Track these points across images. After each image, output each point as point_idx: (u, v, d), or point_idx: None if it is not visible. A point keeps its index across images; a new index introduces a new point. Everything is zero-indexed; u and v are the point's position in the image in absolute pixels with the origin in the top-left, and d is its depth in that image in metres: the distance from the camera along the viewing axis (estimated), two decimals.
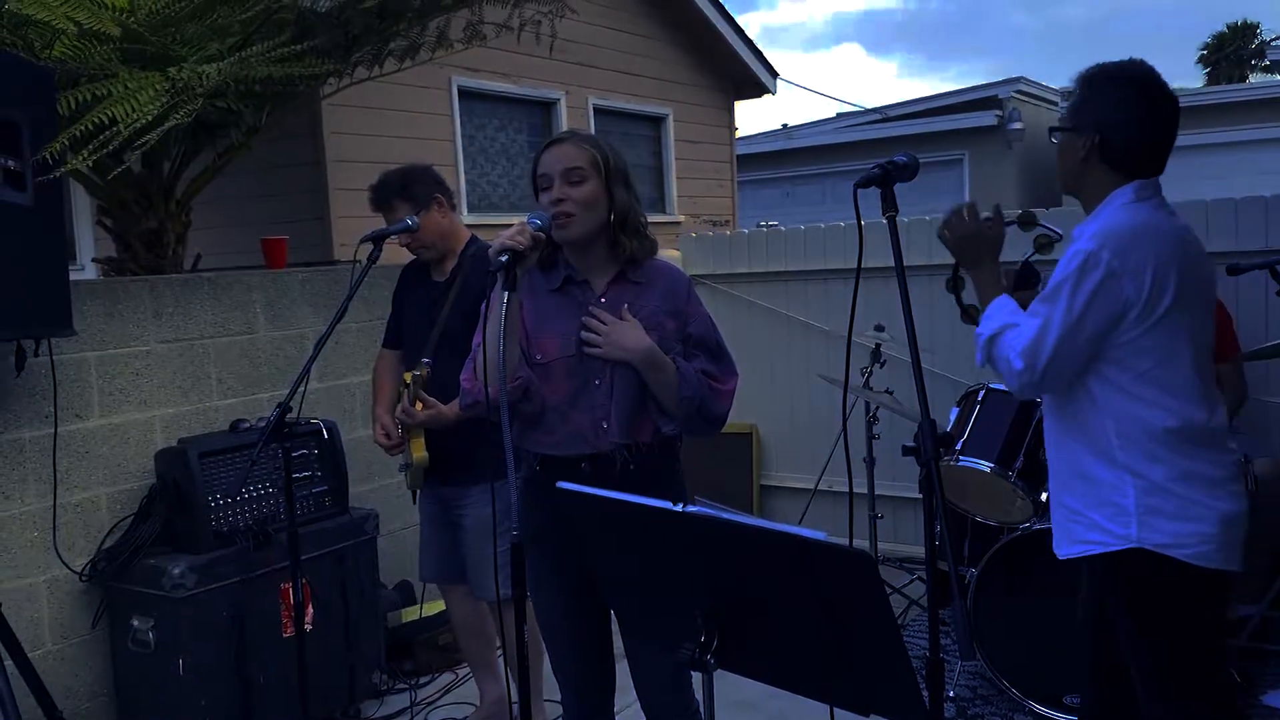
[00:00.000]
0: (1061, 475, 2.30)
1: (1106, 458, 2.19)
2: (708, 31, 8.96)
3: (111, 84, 3.57)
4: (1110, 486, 2.18)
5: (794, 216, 13.52)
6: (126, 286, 3.76)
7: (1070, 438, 2.26)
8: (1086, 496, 2.23)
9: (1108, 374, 2.17)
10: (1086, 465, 2.22)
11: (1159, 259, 2.11)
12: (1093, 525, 2.22)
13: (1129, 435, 2.16)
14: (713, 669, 1.66)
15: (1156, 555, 2.14)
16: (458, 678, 4.06)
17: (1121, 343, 2.13)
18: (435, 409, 3.13)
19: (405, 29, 4.57)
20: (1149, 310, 2.11)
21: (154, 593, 3.35)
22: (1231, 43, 25.90)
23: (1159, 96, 2.20)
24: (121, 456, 3.66)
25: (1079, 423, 2.23)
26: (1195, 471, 2.15)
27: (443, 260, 3.37)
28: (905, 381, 2.38)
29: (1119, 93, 2.20)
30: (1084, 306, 2.10)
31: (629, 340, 2.31)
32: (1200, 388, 2.18)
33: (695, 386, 2.34)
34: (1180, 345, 2.15)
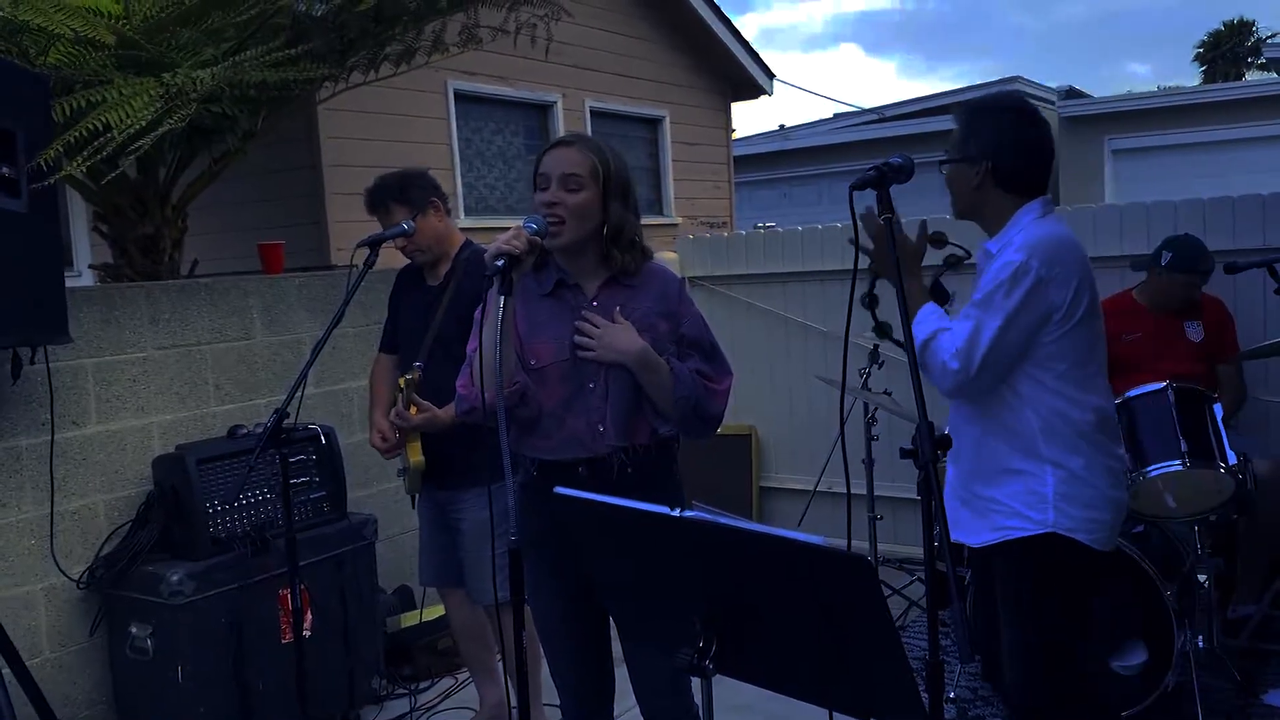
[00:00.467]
0: (981, 472, 2.47)
1: (1030, 452, 2.37)
2: (704, 33, 8.96)
3: (106, 90, 3.56)
4: (1032, 477, 2.37)
5: (791, 218, 13.53)
6: (123, 293, 3.75)
7: (992, 436, 2.43)
8: (1008, 488, 2.41)
9: (1034, 374, 2.35)
10: (1010, 460, 2.40)
11: (1079, 267, 2.34)
12: (1013, 513, 2.40)
13: (1053, 429, 2.36)
14: (711, 674, 1.65)
15: (1066, 539, 2.35)
16: (457, 682, 4.05)
17: (1046, 343, 2.33)
18: (430, 413, 3.13)
19: (401, 33, 4.57)
20: (1070, 314, 2.32)
21: (152, 600, 3.34)
22: (1228, 41, 25.93)
23: (1037, 121, 2.44)
24: (119, 463, 3.65)
25: (1001, 421, 2.41)
26: (1103, 463, 2.39)
27: (437, 264, 3.37)
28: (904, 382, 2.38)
29: (1002, 122, 2.41)
30: (1015, 311, 2.29)
31: (622, 342, 2.31)
32: (1105, 384, 2.46)
33: (690, 386, 2.34)
34: (1094, 344, 2.40)
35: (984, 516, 2.48)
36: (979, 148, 2.41)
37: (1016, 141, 2.41)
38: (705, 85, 9.27)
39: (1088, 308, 2.36)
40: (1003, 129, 2.40)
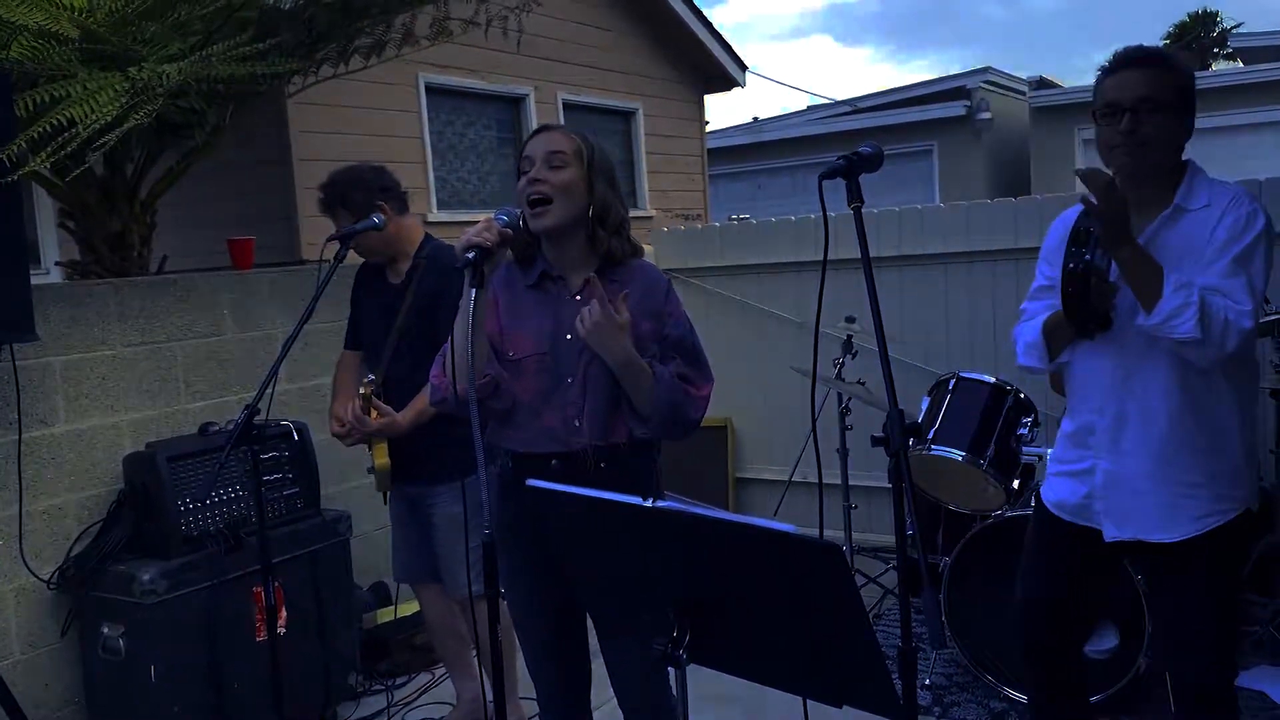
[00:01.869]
0: (1175, 456, 2.25)
1: (1227, 423, 2.24)
2: (676, 25, 8.96)
3: (70, 85, 3.51)
4: (1231, 451, 2.25)
5: (765, 209, 13.57)
6: (91, 289, 3.71)
7: (1190, 412, 2.23)
8: (1211, 468, 2.24)
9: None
10: (1215, 438, 2.24)
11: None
12: (1219, 496, 2.25)
13: (1242, 393, 2.24)
14: (685, 664, 1.66)
15: (1249, 512, 2.25)
16: (434, 678, 4.04)
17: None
18: (389, 418, 3.11)
19: (370, 26, 4.53)
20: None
21: (124, 599, 3.30)
22: (1194, 32, 26.16)
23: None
24: (89, 462, 3.61)
25: (1200, 394, 2.23)
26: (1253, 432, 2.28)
27: (396, 262, 3.31)
28: (877, 372, 2.39)
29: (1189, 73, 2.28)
30: (1266, 264, 2.17)
31: (611, 340, 2.25)
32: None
33: (670, 391, 2.32)
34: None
35: (1182, 504, 2.26)
36: (1190, 100, 2.25)
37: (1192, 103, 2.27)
38: (678, 78, 9.26)
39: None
40: (1191, 78, 2.28)
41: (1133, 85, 2.22)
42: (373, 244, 3.23)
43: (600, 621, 2.04)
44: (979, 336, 5.03)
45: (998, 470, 3.60)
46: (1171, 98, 2.22)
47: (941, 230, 5.14)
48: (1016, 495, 3.65)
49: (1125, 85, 2.23)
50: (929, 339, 5.14)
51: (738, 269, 5.72)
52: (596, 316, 2.23)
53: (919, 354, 5.10)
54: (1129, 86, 2.22)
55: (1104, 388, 2.32)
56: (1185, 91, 2.25)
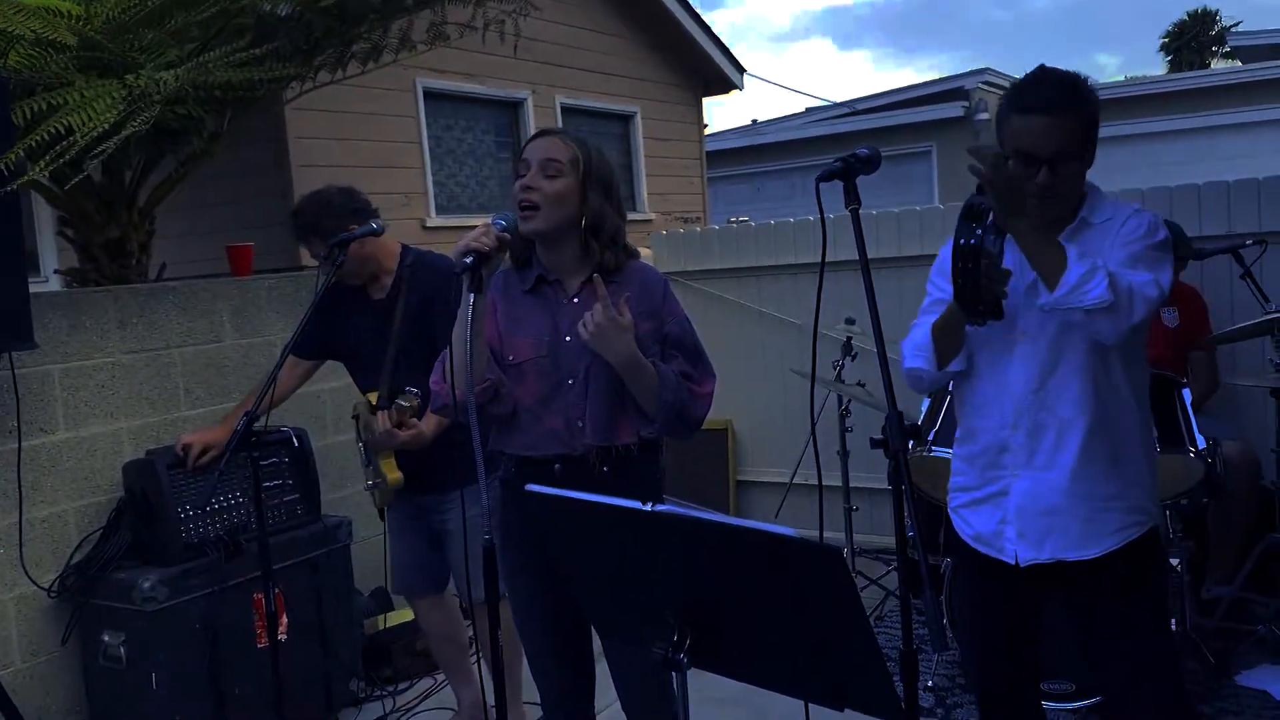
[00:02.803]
0: (1091, 469, 2.15)
1: (1137, 433, 2.20)
2: (674, 28, 8.96)
3: (68, 93, 3.52)
4: (1142, 461, 2.22)
5: (764, 212, 13.56)
6: (90, 297, 3.71)
7: (1106, 423, 2.15)
8: (1126, 479, 2.18)
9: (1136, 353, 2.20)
10: (1123, 447, 2.18)
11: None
12: (1134, 508, 2.19)
13: (1143, 405, 2.21)
14: (686, 667, 1.65)
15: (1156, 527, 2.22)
16: (436, 683, 4.03)
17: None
18: (416, 429, 3.07)
19: (367, 31, 4.53)
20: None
21: (125, 607, 3.30)
22: (1192, 31, 26.19)
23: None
24: (89, 469, 3.61)
25: (1113, 405, 2.16)
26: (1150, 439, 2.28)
27: (377, 279, 3.25)
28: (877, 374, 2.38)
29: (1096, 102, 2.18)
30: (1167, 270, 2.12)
31: (615, 342, 2.25)
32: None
33: (674, 390, 2.32)
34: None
35: (1100, 519, 2.18)
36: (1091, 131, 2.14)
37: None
38: (677, 81, 9.27)
39: None
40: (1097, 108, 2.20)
41: (1047, 138, 2.08)
42: (350, 266, 3.10)
43: (601, 626, 2.04)
44: None
45: None
46: (1081, 141, 2.12)
47: (941, 231, 5.13)
48: None
49: (1039, 136, 2.08)
50: None
51: (737, 271, 5.72)
52: (599, 319, 2.22)
53: None
54: (1043, 139, 2.08)
55: (1015, 399, 2.19)
56: (1093, 125, 2.15)
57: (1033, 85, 2.15)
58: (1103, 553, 2.17)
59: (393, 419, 3.02)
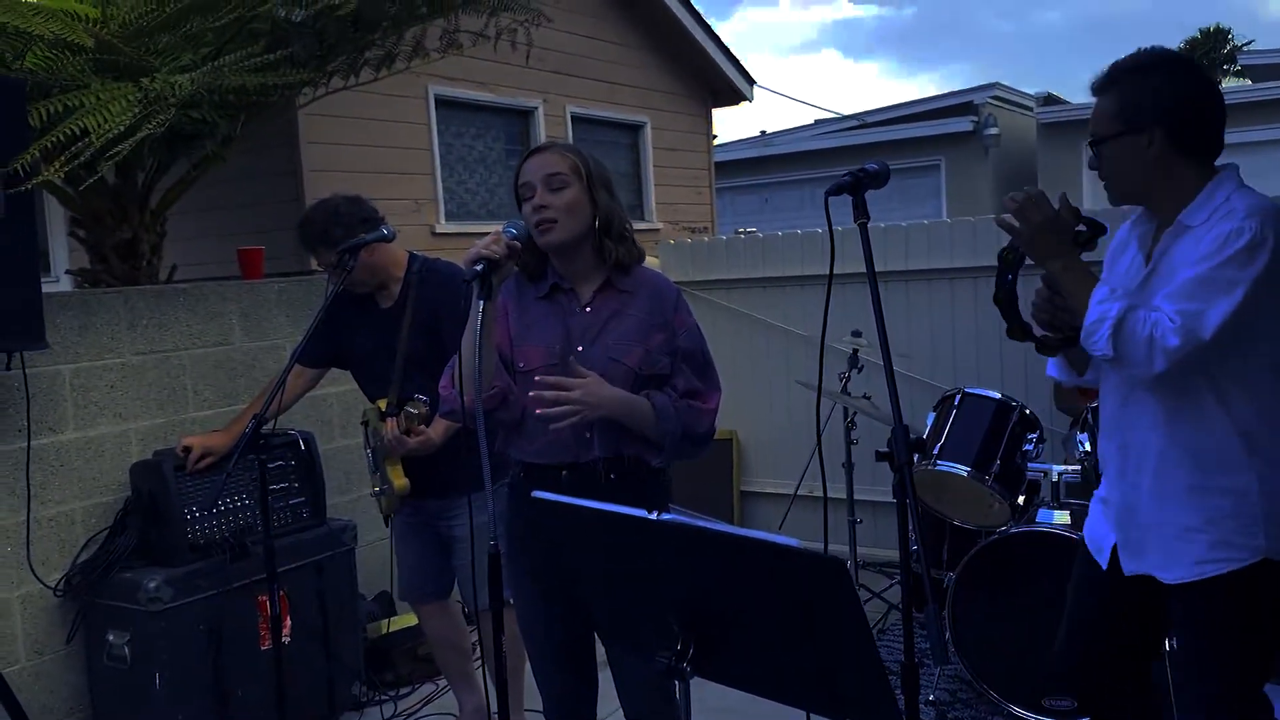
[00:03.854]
0: (1168, 490, 2.09)
1: (1227, 464, 2.03)
2: (684, 39, 8.99)
3: (84, 95, 3.55)
4: (1234, 495, 2.03)
5: (772, 223, 13.58)
6: (100, 298, 3.73)
7: (1181, 446, 2.06)
8: (1207, 510, 2.05)
9: (1239, 365, 2.01)
10: (1203, 477, 2.05)
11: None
12: (1219, 542, 2.04)
13: (1260, 432, 2.02)
14: (689, 677, 1.66)
15: (1277, 565, 2.02)
16: (438, 688, 4.04)
17: (1256, 325, 1.98)
18: (425, 436, 3.08)
19: (381, 38, 4.56)
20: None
21: (130, 607, 3.32)
22: (1204, 48, 26.17)
23: (1203, 72, 2.11)
24: (97, 470, 3.63)
25: (1196, 427, 2.05)
26: None
27: (385, 287, 3.25)
28: (883, 387, 2.39)
29: (1175, 76, 2.05)
30: (1254, 284, 1.93)
31: (604, 394, 2.27)
32: None
33: (674, 420, 2.33)
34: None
35: (1179, 548, 2.09)
36: (1151, 111, 2.02)
37: (1195, 95, 2.04)
38: (686, 91, 9.29)
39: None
40: (1177, 84, 2.04)
41: (1092, 118, 2.10)
42: (358, 274, 3.10)
43: (605, 633, 2.05)
44: (985, 352, 5.03)
45: (1003, 486, 3.60)
46: (1111, 126, 2.05)
47: (948, 245, 5.14)
48: (1021, 511, 3.65)
49: (1091, 117, 2.11)
50: (935, 354, 5.14)
51: (744, 282, 5.74)
52: (569, 388, 2.24)
53: (925, 369, 5.10)
54: (1091, 119, 2.10)
55: (1109, 415, 2.22)
56: (1131, 110, 2.03)
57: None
58: (1180, 581, 2.10)
59: (401, 426, 3.03)
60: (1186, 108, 2.04)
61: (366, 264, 3.13)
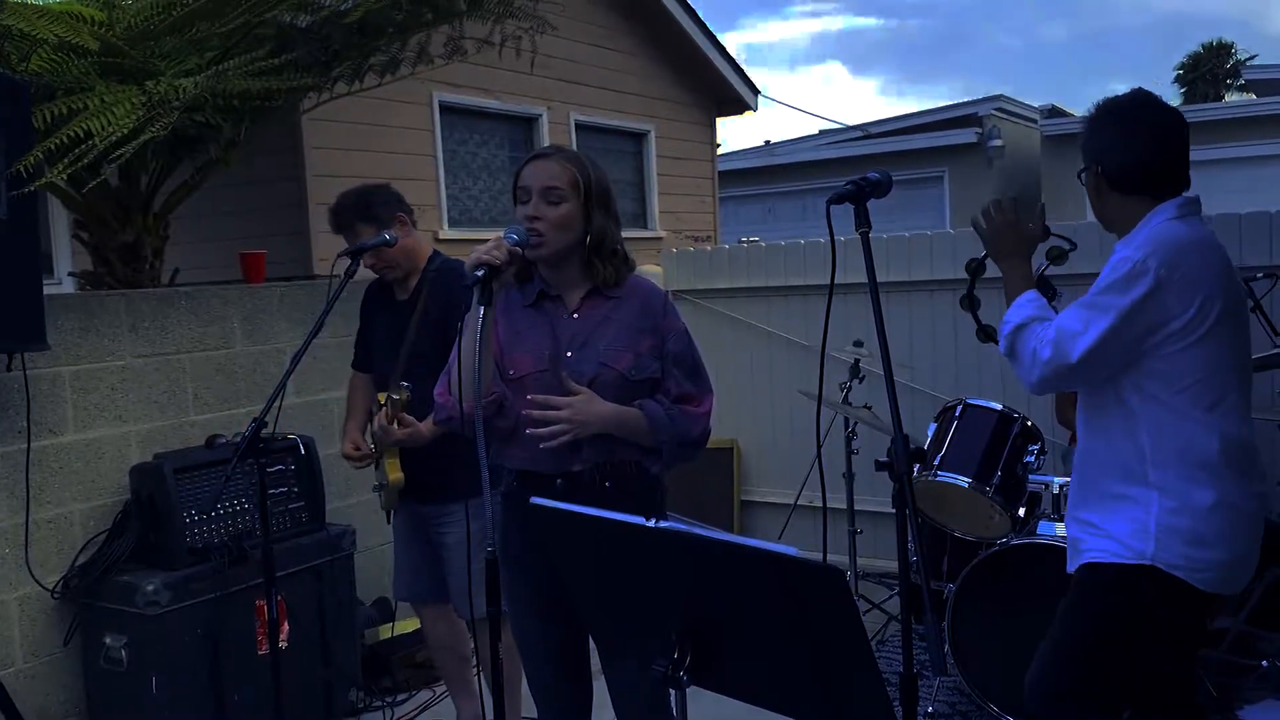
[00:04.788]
0: (1084, 492, 2.32)
1: (1137, 475, 2.20)
2: (690, 49, 9.00)
3: (88, 97, 3.55)
4: (1136, 504, 2.20)
5: (776, 233, 13.59)
6: (102, 300, 3.74)
7: (1098, 454, 2.27)
8: (1109, 513, 2.24)
9: (1150, 389, 2.18)
10: (1113, 483, 2.24)
11: (1208, 275, 2.15)
12: (1109, 536, 2.23)
13: (1167, 453, 2.17)
14: (686, 685, 1.66)
15: (1165, 574, 2.17)
16: (435, 695, 4.03)
17: (1165, 355, 2.15)
18: (413, 428, 3.10)
19: (386, 44, 4.57)
20: (1194, 325, 2.13)
21: (127, 610, 3.31)
22: (1207, 63, 26.20)
23: (1145, 118, 2.29)
24: (96, 472, 3.63)
25: (1109, 439, 2.24)
26: (1225, 499, 2.17)
27: (407, 279, 3.33)
28: (884, 397, 2.38)
29: (1103, 122, 2.31)
30: (1129, 310, 2.13)
31: (595, 410, 2.28)
32: (1243, 407, 2.22)
33: (668, 429, 2.34)
34: (1224, 362, 2.18)
35: (1077, 539, 2.32)
36: (1089, 152, 2.32)
37: (1124, 141, 2.27)
38: (691, 100, 9.30)
39: (1218, 322, 2.16)
40: (1105, 129, 2.31)
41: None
42: (394, 257, 3.26)
43: (602, 641, 2.04)
44: (986, 363, 5.02)
45: (1003, 497, 3.59)
46: (1081, 161, 2.34)
47: (951, 256, 5.14)
48: (1022, 523, 3.63)
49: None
50: (937, 365, 5.13)
51: (747, 291, 5.73)
52: (560, 406, 2.25)
53: (926, 379, 5.09)
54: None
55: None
56: (1083, 150, 2.32)
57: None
58: (1073, 568, 2.31)
59: (387, 416, 3.05)
60: (1115, 151, 2.28)
61: (400, 246, 3.25)
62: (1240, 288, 2.28)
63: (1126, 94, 2.33)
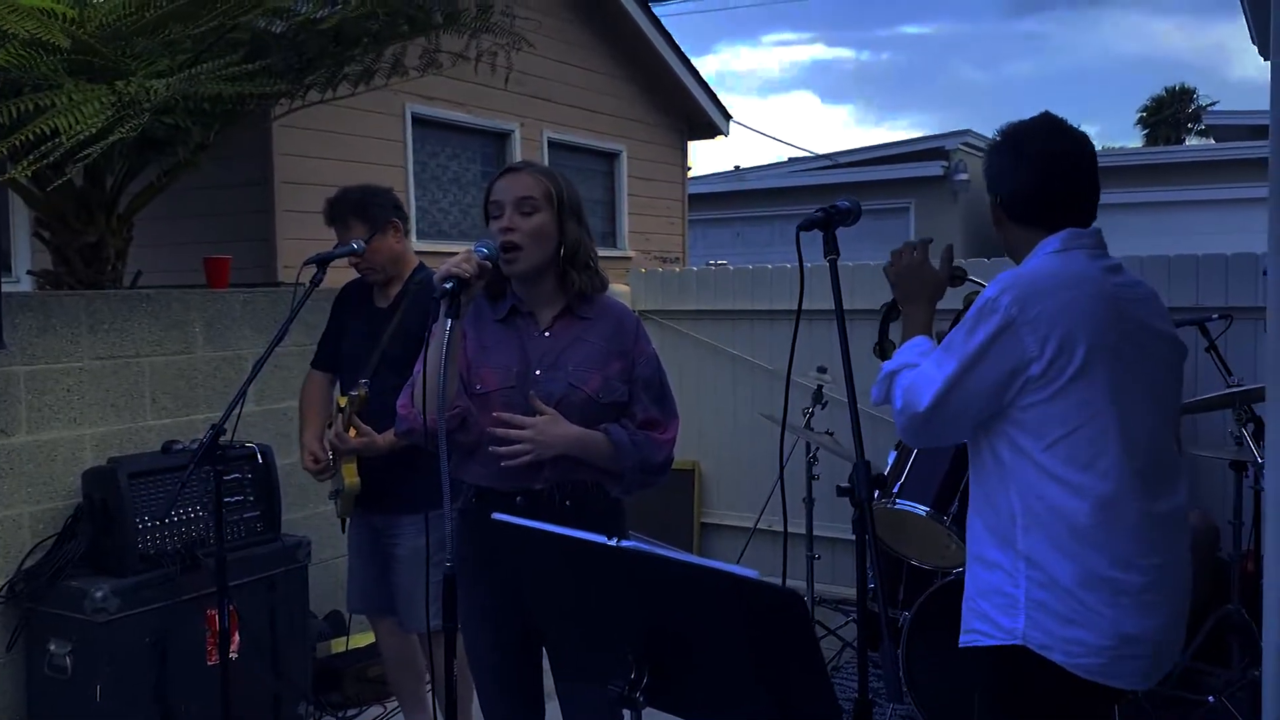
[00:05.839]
0: (968, 556, 2.10)
1: (1006, 540, 1.97)
2: (664, 71, 9.06)
3: (56, 95, 3.51)
4: (1004, 573, 1.97)
5: (744, 257, 13.65)
6: (61, 300, 3.68)
7: (977, 515, 2.07)
8: (981, 581, 2.03)
9: (1017, 440, 1.96)
10: (985, 547, 2.02)
11: (1069, 313, 1.93)
12: (982, 615, 2.02)
13: (1035, 516, 1.94)
14: (642, 706, 1.65)
15: (1037, 656, 1.93)
16: (386, 711, 3.98)
17: (1029, 404, 1.94)
18: (369, 437, 3.08)
19: (360, 54, 4.56)
20: (1055, 370, 1.91)
21: (74, 616, 3.25)
22: (1170, 107, 26.77)
23: (1039, 144, 2.11)
24: (48, 474, 3.56)
25: (984, 495, 2.04)
26: (1100, 574, 1.91)
27: (388, 285, 3.33)
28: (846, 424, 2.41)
29: (999, 150, 2.17)
30: (975, 353, 1.94)
31: (558, 433, 2.28)
32: (1128, 467, 1.93)
33: (632, 455, 2.34)
34: (1100, 414, 1.92)
35: (964, 612, 2.10)
36: (988, 180, 2.17)
37: (1016, 167, 2.11)
38: (663, 123, 9.35)
39: (1083, 367, 1.91)
40: (1002, 155, 2.14)
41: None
42: (379, 260, 3.25)
43: (558, 661, 2.03)
44: None
45: (960, 528, 3.62)
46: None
47: None
48: None
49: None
50: None
51: (713, 313, 5.76)
52: (525, 426, 2.25)
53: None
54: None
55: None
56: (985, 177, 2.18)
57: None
58: (962, 646, 2.09)
59: (345, 418, 3.04)
60: (1006, 179, 2.13)
61: (390, 250, 3.26)
62: (1137, 328, 2.02)
63: (1029, 119, 2.16)
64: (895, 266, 2.24)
